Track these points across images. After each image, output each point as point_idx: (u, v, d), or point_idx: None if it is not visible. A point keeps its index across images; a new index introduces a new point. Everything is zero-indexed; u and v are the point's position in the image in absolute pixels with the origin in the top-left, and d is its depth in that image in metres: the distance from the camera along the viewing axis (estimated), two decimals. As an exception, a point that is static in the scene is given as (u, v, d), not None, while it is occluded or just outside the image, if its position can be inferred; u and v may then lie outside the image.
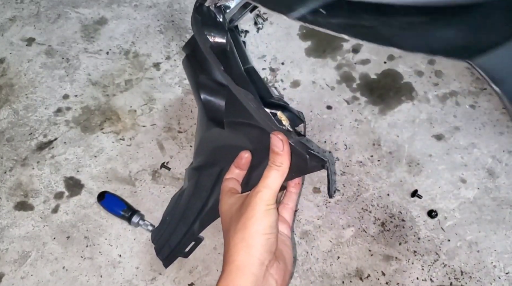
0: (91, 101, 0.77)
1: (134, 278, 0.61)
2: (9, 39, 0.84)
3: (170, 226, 0.60)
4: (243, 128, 0.55)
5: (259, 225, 0.45)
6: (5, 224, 0.65)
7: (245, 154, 0.52)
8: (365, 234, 0.64)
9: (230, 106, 0.57)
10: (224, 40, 0.57)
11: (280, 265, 0.46)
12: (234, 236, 0.45)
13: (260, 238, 0.44)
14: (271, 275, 0.44)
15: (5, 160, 0.70)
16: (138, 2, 0.90)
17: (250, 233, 0.44)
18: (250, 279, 0.43)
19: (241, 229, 0.45)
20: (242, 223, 0.45)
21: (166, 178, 0.69)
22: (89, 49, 0.83)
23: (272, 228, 0.45)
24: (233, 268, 0.44)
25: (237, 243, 0.45)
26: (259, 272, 0.43)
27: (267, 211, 0.45)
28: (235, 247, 0.45)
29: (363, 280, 0.61)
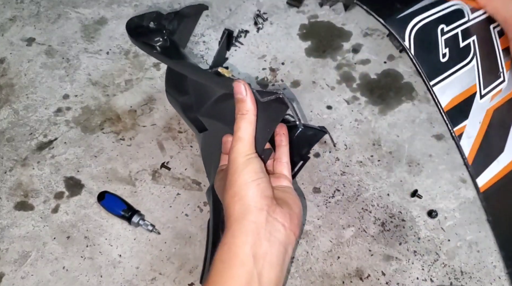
0: (91, 101, 0.77)
1: (134, 278, 0.61)
2: (9, 39, 0.84)
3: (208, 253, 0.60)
4: (213, 110, 0.56)
5: (244, 174, 0.44)
6: (5, 224, 0.65)
7: (227, 137, 0.52)
8: (365, 234, 0.64)
9: (195, 98, 0.59)
10: (160, 38, 0.59)
11: (284, 209, 0.44)
12: (226, 197, 0.45)
13: (249, 186, 0.43)
14: (275, 220, 0.43)
15: (5, 160, 0.70)
16: (138, 2, 0.90)
17: (238, 185, 0.44)
18: (250, 227, 0.42)
19: (230, 186, 0.45)
20: (229, 181, 0.45)
21: (166, 178, 0.69)
22: (89, 49, 0.83)
23: (259, 173, 0.44)
24: (232, 222, 0.43)
25: (230, 200, 0.44)
26: (259, 219, 0.42)
27: (247, 160, 0.45)
28: (229, 205, 0.44)
29: (363, 280, 0.61)
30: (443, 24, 0.43)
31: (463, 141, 0.41)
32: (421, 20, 0.43)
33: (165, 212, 0.66)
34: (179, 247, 0.63)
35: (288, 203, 0.45)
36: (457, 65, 0.43)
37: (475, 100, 0.43)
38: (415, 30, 0.42)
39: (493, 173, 0.41)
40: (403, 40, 0.42)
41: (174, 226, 0.65)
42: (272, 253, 0.42)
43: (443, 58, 0.42)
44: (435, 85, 0.41)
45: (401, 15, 0.42)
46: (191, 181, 0.69)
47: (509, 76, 0.45)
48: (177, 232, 0.64)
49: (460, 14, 0.45)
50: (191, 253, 0.63)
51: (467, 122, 0.42)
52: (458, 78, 0.42)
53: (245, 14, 0.89)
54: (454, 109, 0.42)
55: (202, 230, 0.64)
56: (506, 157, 0.42)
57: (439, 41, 0.43)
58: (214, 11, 0.89)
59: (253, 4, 0.91)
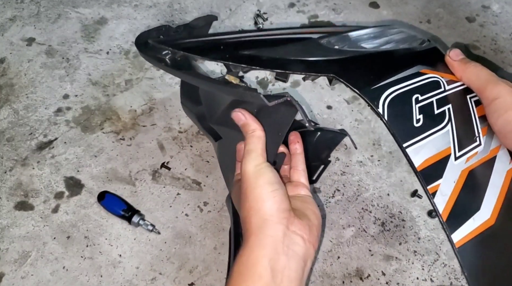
0: (91, 101, 0.77)
1: (134, 278, 0.61)
2: (9, 39, 0.84)
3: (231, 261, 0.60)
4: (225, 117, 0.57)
5: (258, 186, 0.43)
6: (5, 223, 0.65)
7: (241, 145, 0.52)
8: (365, 234, 0.64)
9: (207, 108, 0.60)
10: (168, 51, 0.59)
11: (303, 221, 0.43)
12: (243, 210, 0.44)
13: (264, 199, 0.43)
14: (293, 232, 0.42)
15: (5, 160, 0.70)
16: (138, 2, 0.90)
17: (253, 198, 0.43)
18: (268, 241, 0.41)
19: (245, 198, 0.44)
20: (243, 194, 0.44)
21: (167, 178, 0.69)
22: (89, 49, 0.83)
23: (273, 185, 0.43)
24: (249, 235, 0.42)
25: (246, 214, 0.43)
26: (276, 233, 0.41)
27: (258, 170, 0.44)
28: (246, 218, 0.43)
29: (363, 280, 0.61)
30: (418, 94, 0.45)
31: (437, 198, 0.42)
32: (396, 90, 0.45)
33: (165, 212, 0.66)
34: (179, 247, 0.63)
35: (306, 214, 0.45)
36: (431, 130, 0.44)
37: (449, 161, 0.44)
38: (389, 98, 0.44)
39: (468, 230, 0.42)
40: (377, 107, 0.43)
41: (174, 226, 0.65)
42: (290, 268, 0.41)
43: (416, 123, 0.44)
44: (408, 146, 0.43)
45: (376, 86, 0.45)
46: (191, 181, 0.69)
47: (485, 141, 0.47)
48: (177, 232, 0.64)
49: (436, 85, 0.47)
50: (191, 253, 0.63)
51: (441, 181, 0.43)
52: (432, 141, 0.44)
53: (245, 14, 0.89)
54: (428, 168, 0.43)
55: (202, 230, 0.64)
56: (482, 215, 0.44)
57: (413, 108, 0.45)
58: (214, 11, 0.89)
59: (253, 4, 0.91)
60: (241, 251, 0.43)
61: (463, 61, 0.48)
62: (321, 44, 0.52)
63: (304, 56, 0.50)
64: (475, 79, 0.47)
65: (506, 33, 0.87)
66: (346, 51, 0.50)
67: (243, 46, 0.54)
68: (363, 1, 0.92)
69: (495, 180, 0.45)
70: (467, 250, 0.42)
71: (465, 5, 0.92)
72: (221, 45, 0.55)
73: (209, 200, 0.67)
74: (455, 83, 0.48)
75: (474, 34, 0.87)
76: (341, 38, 0.53)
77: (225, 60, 0.51)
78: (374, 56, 0.50)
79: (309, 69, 0.48)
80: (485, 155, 0.46)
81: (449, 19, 0.90)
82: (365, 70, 0.46)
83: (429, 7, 0.92)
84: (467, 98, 0.48)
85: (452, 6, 0.92)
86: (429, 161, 0.43)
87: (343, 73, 0.46)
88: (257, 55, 0.51)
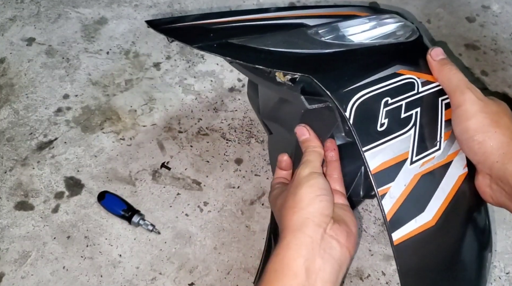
0: (91, 101, 0.77)
1: (134, 278, 0.61)
2: (10, 39, 0.84)
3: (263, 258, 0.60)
4: (274, 113, 0.57)
5: (308, 187, 0.44)
6: (6, 223, 0.65)
7: (283, 157, 0.53)
8: (365, 234, 0.64)
9: (261, 101, 0.60)
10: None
11: (341, 226, 0.44)
12: (285, 206, 0.45)
13: (311, 201, 0.43)
14: (330, 236, 0.43)
15: (5, 160, 0.70)
16: (138, 2, 0.90)
17: (300, 197, 0.44)
18: (305, 241, 0.41)
19: (291, 196, 0.45)
20: (291, 193, 0.45)
21: (167, 178, 0.69)
22: (89, 49, 0.83)
23: (323, 190, 0.44)
24: (287, 233, 0.43)
25: (288, 211, 0.44)
26: (315, 234, 0.42)
27: (311, 174, 0.45)
28: (286, 215, 0.44)
29: (363, 280, 0.61)
30: (388, 97, 0.46)
31: (385, 200, 0.43)
32: (366, 93, 0.45)
33: (165, 212, 0.66)
34: (179, 247, 0.63)
35: (345, 221, 0.45)
36: (392, 134, 0.45)
37: (404, 165, 0.45)
38: (359, 102, 0.45)
39: (409, 230, 0.43)
40: (345, 111, 0.44)
41: (174, 226, 0.65)
42: (325, 270, 0.41)
43: (380, 128, 0.45)
44: (367, 150, 0.43)
45: (348, 88, 0.45)
46: (191, 180, 0.69)
47: (445, 145, 0.47)
48: (177, 232, 0.64)
49: (410, 87, 0.47)
50: (191, 253, 0.63)
51: (392, 184, 0.44)
52: (392, 145, 0.44)
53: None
54: (382, 172, 0.44)
55: (202, 230, 0.64)
56: (425, 217, 0.44)
57: (380, 112, 0.45)
58: (214, 11, 0.89)
59: (253, 4, 0.91)
60: (277, 248, 0.43)
61: (440, 62, 0.48)
62: (308, 35, 0.52)
63: (288, 47, 0.50)
64: (446, 83, 0.47)
65: (506, 33, 0.87)
66: (331, 44, 0.51)
67: (233, 33, 0.53)
68: (363, 1, 0.92)
69: (445, 184, 0.46)
70: (403, 248, 0.43)
71: (465, 5, 0.92)
72: (211, 31, 0.54)
73: (209, 200, 0.67)
74: (431, 84, 0.48)
75: (474, 34, 0.87)
76: (330, 29, 0.53)
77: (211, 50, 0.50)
78: (356, 53, 0.50)
79: (288, 65, 0.48)
80: (441, 159, 0.46)
81: (449, 19, 0.90)
82: (342, 70, 0.47)
83: (429, 7, 0.92)
84: (439, 100, 0.48)
85: (452, 6, 0.92)
86: (385, 164, 0.44)
87: (320, 72, 0.46)
88: (243, 45, 0.51)
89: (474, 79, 0.79)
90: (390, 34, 0.53)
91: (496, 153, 0.43)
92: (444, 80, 0.47)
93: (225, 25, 0.55)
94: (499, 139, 0.43)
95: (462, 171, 0.47)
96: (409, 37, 0.53)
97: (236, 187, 0.68)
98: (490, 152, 0.44)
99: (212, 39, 0.52)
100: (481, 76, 0.81)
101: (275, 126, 0.60)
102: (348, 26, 0.54)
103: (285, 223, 0.44)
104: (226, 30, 0.55)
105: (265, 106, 0.60)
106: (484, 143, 0.44)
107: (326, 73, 0.46)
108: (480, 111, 0.44)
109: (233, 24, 0.56)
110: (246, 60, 0.48)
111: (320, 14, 0.59)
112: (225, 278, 0.61)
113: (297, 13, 0.59)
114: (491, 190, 0.46)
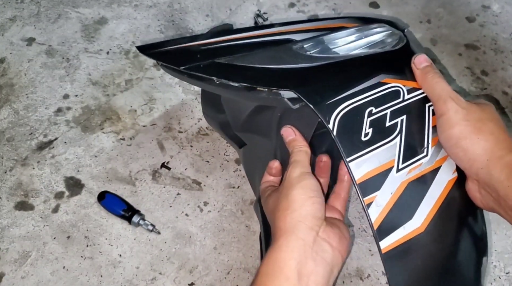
0: (91, 101, 0.77)
1: (134, 278, 0.61)
2: (10, 39, 0.84)
3: None
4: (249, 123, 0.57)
5: (299, 189, 0.44)
6: (6, 223, 0.65)
7: (274, 163, 0.53)
8: (365, 234, 0.64)
9: (230, 115, 0.60)
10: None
11: (334, 229, 0.44)
12: (278, 208, 0.45)
13: (304, 202, 0.44)
14: (323, 239, 0.43)
15: (5, 160, 0.70)
16: (138, 2, 0.90)
17: (292, 199, 0.44)
18: (298, 243, 0.42)
19: (283, 198, 0.45)
20: (283, 194, 0.45)
21: (167, 178, 0.69)
22: (89, 49, 0.83)
23: (315, 192, 0.45)
24: (280, 235, 0.43)
25: (282, 213, 0.44)
26: (307, 237, 0.42)
27: (302, 174, 0.45)
28: (280, 217, 0.44)
29: (363, 280, 0.61)
30: (372, 107, 0.45)
31: (371, 209, 0.43)
32: (350, 104, 0.45)
33: (165, 212, 0.66)
34: (179, 247, 0.63)
35: (338, 227, 0.46)
36: (377, 143, 0.44)
37: (390, 173, 0.44)
38: (342, 113, 0.44)
39: (397, 237, 0.43)
40: (328, 123, 0.43)
41: (174, 225, 0.65)
42: (317, 273, 0.42)
43: (364, 137, 0.44)
44: (352, 160, 0.43)
45: (331, 100, 0.45)
46: (191, 180, 0.69)
47: (433, 151, 0.47)
48: (177, 231, 0.64)
49: (395, 95, 0.47)
50: (191, 253, 0.63)
51: (378, 193, 0.43)
52: (377, 154, 0.44)
53: (245, 14, 0.89)
54: (367, 181, 0.43)
55: (202, 229, 0.64)
56: (413, 224, 0.44)
57: (364, 122, 0.45)
58: (214, 11, 0.89)
59: (253, 4, 0.91)
60: (270, 251, 0.43)
61: (424, 70, 0.48)
62: (293, 50, 0.52)
63: (274, 63, 0.50)
64: (430, 91, 0.47)
65: (506, 33, 0.87)
66: (316, 57, 0.51)
67: (220, 53, 0.54)
68: (363, 1, 0.92)
69: (433, 191, 0.46)
70: (392, 256, 0.42)
71: (465, 5, 0.92)
72: (198, 53, 0.55)
73: (209, 200, 0.67)
74: (416, 91, 0.48)
75: (474, 34, 0.87)
76: (315, 43, 0.53)
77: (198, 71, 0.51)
78: (340, 65, 0.50)
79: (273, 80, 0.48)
80: (429, 165, 0.46)
81: (449, 19, 0.90)
82: (326, 83, 0.47)
83: (429, 7, 0.92)
84: (425, 106, 0.48)
85: (452, 6, 0.92)
86: (370, 173, 0.43)
87: (303, 86, 0.46)
88: (229, 64, 0.52)
89: (474, 79, 0.79)
90: (377, 43, 0.53)
91: (480, 160, 0.43)
92: (427, 88, 0.47)
93: (212, 46, 0.56)
94: (482, 146, 0.43)
95: (451, 175, 0.47)
96: (395, 45, 0.53)
97: (236, 187, 0.68)
98: (475, 158, 0.44)
99: (199, 60, 0.52)
100: (481, 76, 0.81)
101: (249, 137, 0.60)
102: (334, 38, 0.54)
103: (278, 225, 0.44)
104: (213, 50, 0.55)
105: (237, 119, 0.60)
106: (468, 150, 0.44)
107: (309, 86, 0.46)
108: (463, 119, 0.44)
109: (220, 44, 0.56)
110: (232, 79, 0.49)
111: (307, 29, 0.59)
112: (225, 278, 0.61)
113: (284, 29, 0.59)
114: (480, 195, 0.46)
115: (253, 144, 0.61)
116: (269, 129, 0.55)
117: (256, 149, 0.59)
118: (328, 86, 0.46)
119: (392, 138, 0.45)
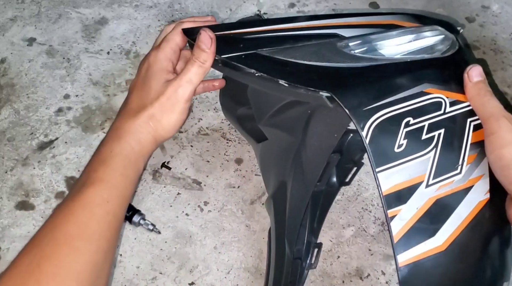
0: (92, 101, 0.77)
1: (134, 277, 0.61)
2: (10, 39, 0.84)
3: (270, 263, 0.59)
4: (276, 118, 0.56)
5: (173, 118, 0.51)
6: (6, 223, 0.65)
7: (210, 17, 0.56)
8: (365, 234, 0.64)
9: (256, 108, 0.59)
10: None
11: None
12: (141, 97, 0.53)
13: (170, 133, 0.52)
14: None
15: (6, 160, 0.71)
16: (139, 2, 0.90)
17: (162, 125, 0.51)
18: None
19: (150, 92, 0.52)
20: (154, 92, 0.51)
21: (167, 178, 0.69)
22: (90, 49, 0.83)
23: (182, 121, 0.52)
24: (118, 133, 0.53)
25: (143, 120, 0.51)
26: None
27: (185, 109, 0.50)
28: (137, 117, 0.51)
29: (363, 279, 0.61)
30: (410, 117, 0.43)
31: (394, 222, 0.41)
32: (388, 113, 0.43)
33: (166, 212, 0.66)
34: (179, 247, 0.63)
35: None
36: (410, 156, 0.43)
37: (419, 188, 0.42)
38: (378, 121, 0.42)
39: (416, 253, 0.42)
40: (362, 130, 0.42)
41: (175, 225, 0.65)
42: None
43: (397, 149, 0.42)
44: (381, 171, 0.41)
45: (368, 107, 0.43)
46: (192, 180, 0.69)
47: (467, 169, 0.45)
48: (177, 231, 0.64)
49: (437, 107, 0.45)
50: (192, 253, 0.63)
51: (404, 207, 0.42)
52: (408, 168, 0.42)
53: (245, 14, 0.89)
54: (394, 193, 0.42)
55: (202, 229, 0.65)
56: (434, 241, 0.43)
57: (399, 132, 0.43)
58: (214, 11, 0.90)
59: (253, 4, 0.91)
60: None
61: (477, 85, 0.46)
62: (336, 47, 0.50)
63: (316, 60, 0.48)
64: (480, 107, 0.45)
65: (506, 33, 0.87)
66: (359, 58, 0.49)
67: (263, 43, 0.51)
68: (363, 1, 0.92)
69: (461, 210, 0.44)
70: (408, 270, 0.42)
71: (465, 5, 0.92)
72: (241, 41, 0.52)
73: (210, 200, 0.67)
74: (460, 104, 0.46)
75: (474, 34, 0.87)
76: (361, 42, 0.51)
77: (238, 61, 0.48)
78: (384, 68, 0.48)
79: (311, 79, 0.46)
80: (461, 184, 0.44)
81: (449, 19, 0.90)
82: (366, 87, 0.45)
83: (429, 7, 0.92)
84: (467, 121, 0.46)
85: (452, 6, 0.92)
86: (398, 186, 0.42)
87: (341, 88, 0.44)
88: (270, 57, 0.49)
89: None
90: (426, 49, 0.50)
91: None
92: (478, 104, 0.45)
93: (256, 35, 0.53)
94: None
95: (483, 196, 0.45)
96: (446, 52, 0.50)
97: (236, 186, 0.68)
98: None
99: (242, 50, 0.50)
100: (481, 76, 0.81)
101: (273, 132, 0.59)
102: (382, 39, 0.51)
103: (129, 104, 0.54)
104: (257, 40, 0.52)
105: (264, 112, 0.58)
106: None
107: (347, 89, 0.44)
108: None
109: (265, 34, 0.53)
110: (272, 74, 0.47)
111: (357, 24, 0.55)
112: (225, 277, 0.61)
113: (332, 22, 0.56)
114: None
115: (275, 140, 0.59)
116: (296, 126, 0.53)
117: (277, 145, 0.57)
118: (367, 91, 0.44)
119: (427, 152, 0.43)
